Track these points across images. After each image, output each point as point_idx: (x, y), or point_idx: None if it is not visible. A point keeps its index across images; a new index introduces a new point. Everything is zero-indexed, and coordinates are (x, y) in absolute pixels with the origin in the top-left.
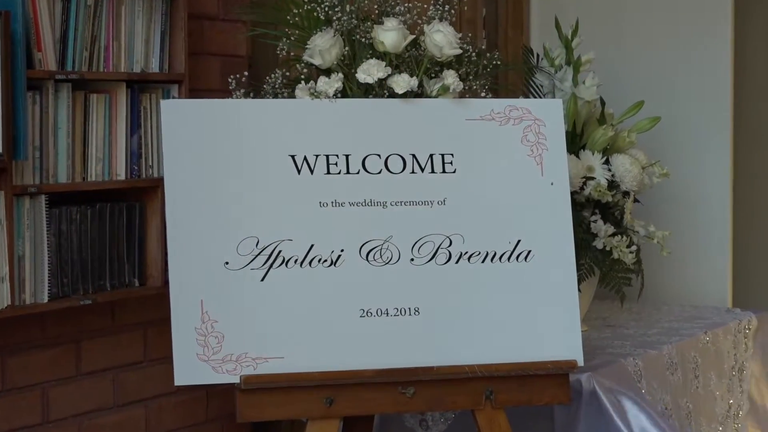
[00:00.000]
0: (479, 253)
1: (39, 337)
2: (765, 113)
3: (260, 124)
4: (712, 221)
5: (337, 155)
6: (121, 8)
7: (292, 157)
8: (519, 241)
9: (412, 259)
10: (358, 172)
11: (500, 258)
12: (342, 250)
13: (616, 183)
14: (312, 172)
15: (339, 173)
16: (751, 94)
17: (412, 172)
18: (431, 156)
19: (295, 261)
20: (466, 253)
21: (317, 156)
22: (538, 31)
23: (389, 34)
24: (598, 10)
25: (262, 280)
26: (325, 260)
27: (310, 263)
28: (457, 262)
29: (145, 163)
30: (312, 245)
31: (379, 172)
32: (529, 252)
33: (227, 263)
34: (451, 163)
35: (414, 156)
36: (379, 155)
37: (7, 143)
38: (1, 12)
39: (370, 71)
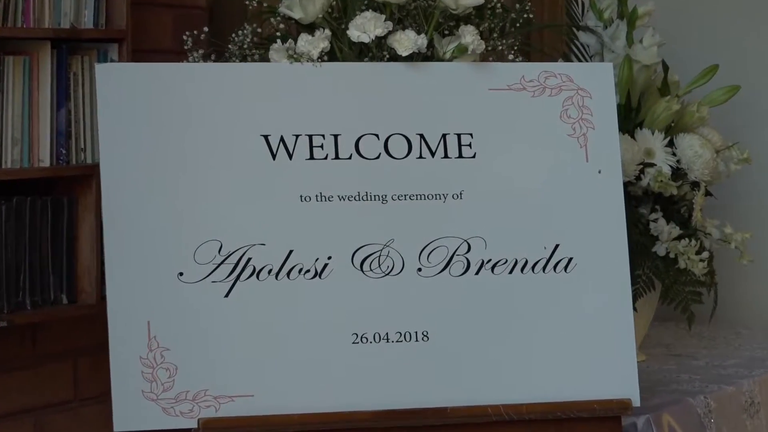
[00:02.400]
0: (506, 261)
1: None
2: None
3: (224, 95)
4: None
5: (322, 135)
6: None
7: (266, 137)
8: (557, 246)
9: (420, 269)
10: (349, 158)
11: (533, 268)
12: (329, 258)
13: (682, 171)
14: (291, 157)
15: (325, 158)
16: None
17: (420, 156)
18: (444, 136)
19: (269, 272)
20: (489, 261)
21: (297, 136)
22: None
23: None
24: None
25: (227, 296)
26: (308, 270)
27: (288, 274)
28: (477, 273)
29: (75, 145)
30: (291, 251)
31: (378, 158)
32: (570, 260)
33: (181, 274)
34: (469, 145)
35: (422, 136)
36: (377, 135)
37: None
38: None
39: (365, 27)
